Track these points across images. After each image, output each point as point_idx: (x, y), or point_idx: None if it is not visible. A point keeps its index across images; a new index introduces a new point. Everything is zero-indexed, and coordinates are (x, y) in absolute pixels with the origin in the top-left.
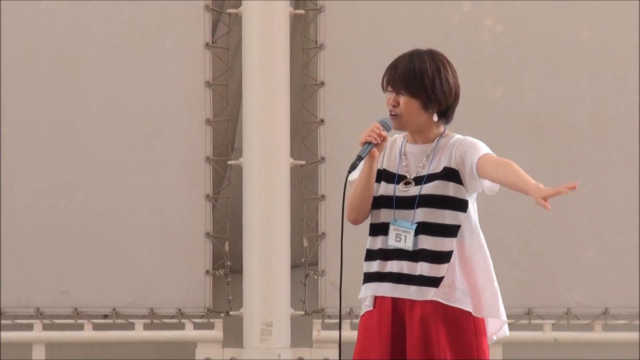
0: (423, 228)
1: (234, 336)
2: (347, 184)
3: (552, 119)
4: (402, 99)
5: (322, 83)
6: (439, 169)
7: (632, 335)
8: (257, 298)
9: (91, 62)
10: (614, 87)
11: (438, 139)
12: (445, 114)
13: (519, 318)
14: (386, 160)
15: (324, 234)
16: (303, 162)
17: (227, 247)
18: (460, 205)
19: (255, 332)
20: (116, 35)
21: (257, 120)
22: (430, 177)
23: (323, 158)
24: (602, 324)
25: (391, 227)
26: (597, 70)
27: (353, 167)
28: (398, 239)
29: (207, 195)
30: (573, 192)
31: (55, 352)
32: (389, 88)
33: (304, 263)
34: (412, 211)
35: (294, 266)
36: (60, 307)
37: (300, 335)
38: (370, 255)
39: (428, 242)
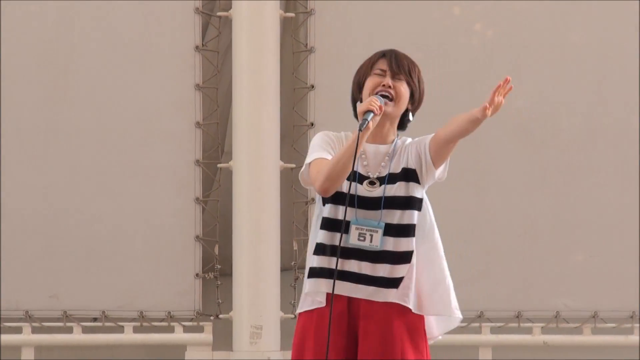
0: (386, 229)
1: (223, 339)
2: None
3: (542, 125)
4: (399, 83)
5: (312, 86)
6: (398, 170)
7: (621, 339)
8: (247, 301)
9: (81, 65)
10: (604, 93)
11: (396, 141)
12: (408, 119)
13: (509, 321)
14: None
15: None
16: (293, 165)
17: (216, 250)
18: (416, 204)
19: (245, 335)
20: (106, 38)
21: (247, 123)
22: (391, 177)
23: None
24: (591, 328)
25: (353, 227)
26: (587, 75)
27: (361, 127)
28: (362, 238)
29: (197, 199)
30: (562, 197)
31: (45, 355)
32: (387, 71)
33: (294, 266)
34: (378, 212)
35: (284, 269)
36: (50, 310)
37: (289, 338)
38: (323, 250)
39: (390, 244)
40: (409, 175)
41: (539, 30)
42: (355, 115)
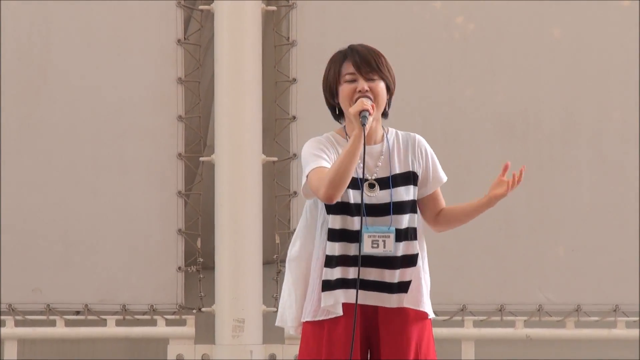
0: (397, 234)
1: (206, 332)
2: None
3: (522, 119)
4: (373, 84)
5: (294, 79)
6: (403, 170)
7: (604, 332)
8: (229, 294)
9: (62, 59)
10: (585, 88)
11: (386, 136)
12: (389, 106)
13: (491, 315)
14: None
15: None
16: (275, 159)
17: (199, 244)
18: (416, 207)
19: (227, 328)
20: (87, 32)
21: (229, 117)
22: (395, 180)
23: (295, 154)
24: (574, 321)
25: (365, 235)
26: (568, 70)
27: (363, 123)
28: (375, 245)
29: (179, 192)
30: (544, 191)
31: (28, 348)
32: (356, 74)
33: (276, 259)
34: (387, 217)
35: (266, 263)
36: (33, 303)
37: (272, 331)
38: (336, 261)
39: (401, 248)
40: (414, 178)
41: (521, 24)
42: (335, 117)
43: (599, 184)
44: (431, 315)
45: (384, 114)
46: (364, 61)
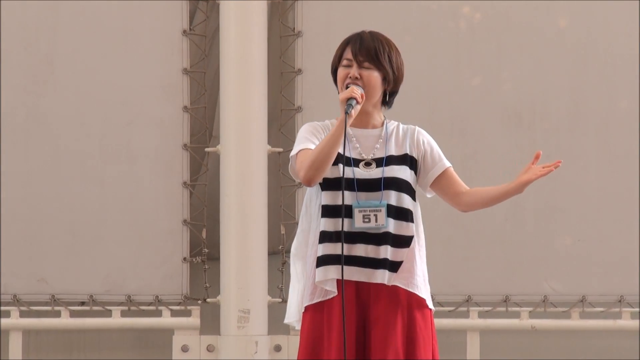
0: (388, 209)
1: (211, 323)
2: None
3: (529, 108)
4: (366, 72)
5: (300, 70)
6: (399, 153)
7: (609, 323)
8: (234, 285)
9: (67, 50)
10: (591, 77)
11: (386, 124)
12: (392, 96)
13: (496, 305)
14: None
15: None
16: (280, 150)
17: (204, 235)
18: (413, 192)
19: (233, 319)
20: (93, 23)
21: (234, 108)
22: (389, 160)
23: None
24: (579, 312)
25: (355, 210)
26: (574, 59)
27: (347, 110)
28: (366, 220)
29: (185, 183)
30: (550, 181)
31: (33, 339)
32: (352, 61)
33: (281, 250)
34: (379, 193)
35: (271, 253)
36: (38, 294)
37: (277, 322)
38: (329, 237)
39: (391, 225)
40: (411, 162)
41: (527, 13)
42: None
43: (606, 174)
44: (429, 304)
45: (387, 103)
46: (363, 49)
